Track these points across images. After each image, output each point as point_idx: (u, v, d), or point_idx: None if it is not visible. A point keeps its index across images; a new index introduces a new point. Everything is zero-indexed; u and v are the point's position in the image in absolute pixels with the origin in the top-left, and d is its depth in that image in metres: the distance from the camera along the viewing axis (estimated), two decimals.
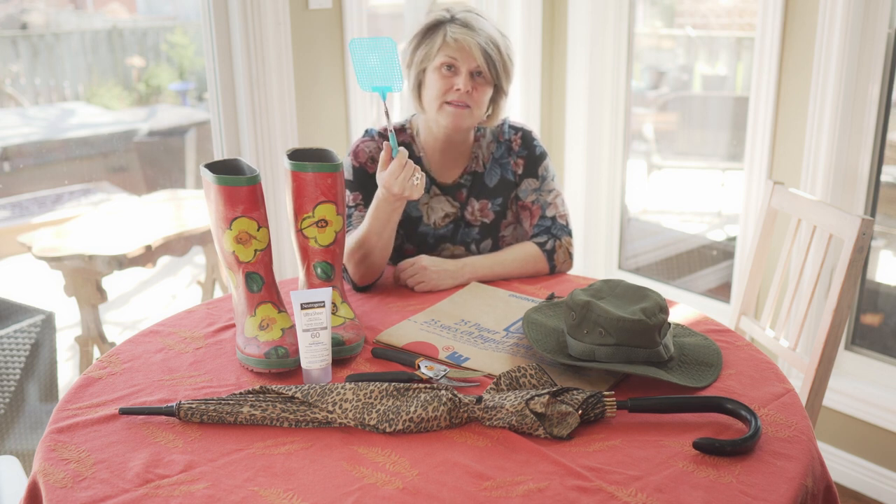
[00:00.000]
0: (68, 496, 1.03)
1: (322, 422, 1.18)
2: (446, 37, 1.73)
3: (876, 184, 2.37)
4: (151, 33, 3.53)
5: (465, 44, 1.72)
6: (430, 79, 1.76)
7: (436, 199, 1.87)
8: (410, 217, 1.86)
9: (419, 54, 1.77)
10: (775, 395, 1.27)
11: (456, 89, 1.74)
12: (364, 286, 1.73)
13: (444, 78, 1.74)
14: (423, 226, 1.86)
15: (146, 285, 3.65)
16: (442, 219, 1.87)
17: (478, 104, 1.77)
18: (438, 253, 1.87)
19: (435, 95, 1.76)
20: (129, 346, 1.46)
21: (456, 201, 1.88)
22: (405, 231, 1.86)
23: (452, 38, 1.73)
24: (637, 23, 3.10)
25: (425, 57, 1.76)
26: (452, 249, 1.88)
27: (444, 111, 1.76)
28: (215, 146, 2.48)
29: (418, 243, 1.87)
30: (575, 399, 1.17)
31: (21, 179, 3.14)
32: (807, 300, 1.82)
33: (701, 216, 4.06)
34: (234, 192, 1.35)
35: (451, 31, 1.73)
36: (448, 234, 1.87)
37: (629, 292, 1.39)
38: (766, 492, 1.02)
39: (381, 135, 1.85)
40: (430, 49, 1.75)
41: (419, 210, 1.86)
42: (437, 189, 1.87)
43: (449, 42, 1.73)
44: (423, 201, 1.86)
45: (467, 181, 1.88)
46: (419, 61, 1.77)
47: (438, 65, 1.74)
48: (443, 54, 1.73)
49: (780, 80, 2.42)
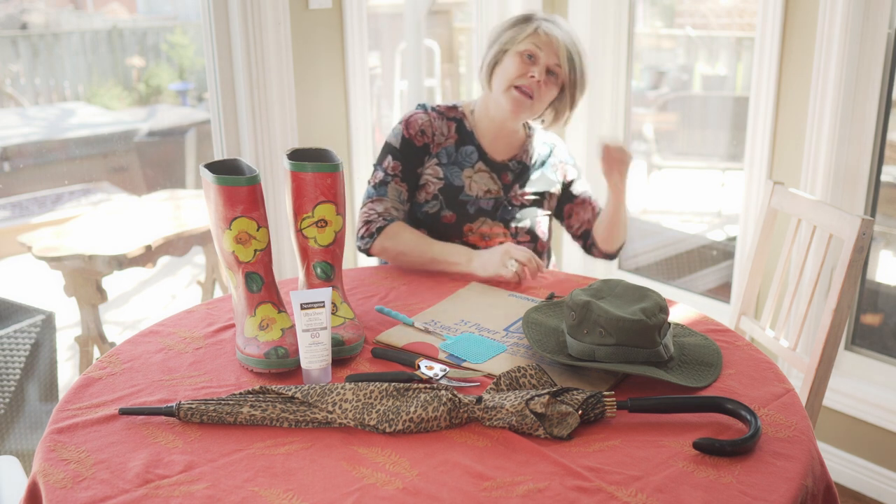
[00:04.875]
0: (68, 496, 1.03)
1: (322, 422, 1.18)
2: (538, 28, 1.85)
3: (876, 184, 2.37)
4: (151, 33, 3.53)
5: (552, 39, 1.84)
6: (507, 61, 1.86)
7: (479, 174, 1.92)
8: (452, 185, 1.90)
9: (505, 36, 1.88)
10: (775, 395, 1.27)
11: (531, 76, 1.84)
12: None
13: (523, 63, 1.84)
14: (465, 195, 1.91)
15: (146, 285, 3.65)
16: (484, 193, 1.92)
17: (541, 98, 1.88)
18: (477, 225, 1.92)
19: (509, 77, 1.85)
20: (129, 346, 1.46)
21: (500, 181, 1.94)
22: (445, 198, 1.90)
23: (544, 31, 1.84)
24: (637, 23, 3.10)
25: (510, 40, 1.86)
26: (491, 225, 1.92)
27: (510, 94, 1.86)
28: (215, 146, 2.48)
29: (458, 211, 1.90)
30: (575, 399, 1.17)
31: (21, 179, 3.14)
32: (807, 300, 1.82)
33: (701, 216, 4.06)
34: (234, 192, 1.35)
35: (543, 25, 1.85)
36: (489, 209, 1.92)
37: (629, 292, 1.39)
38: (766, 492, 1.02)
39: (435, 109, 1.94)
40: (518, 34, 1.86)
41: (462, 180, 1.91)
42: (484, 165, 1.93)
43: (539, 33, 1.84)
44: (467, 174, 1.92)
45: (515, 167, 1.97)
46: (504, 41, 1.88)
47: (522, 50, 1.85)
48: (529, 42, 1.84)
49: (780, 80, 2.42)
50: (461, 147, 1.93)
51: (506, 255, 1.72)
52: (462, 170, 1.91)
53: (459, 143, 1.93)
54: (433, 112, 1.93)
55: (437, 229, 1.90)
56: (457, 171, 1.91)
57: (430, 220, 1.90)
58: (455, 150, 1.92)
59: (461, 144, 1.93)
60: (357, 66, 2.56)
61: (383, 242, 1.81)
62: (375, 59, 3.71)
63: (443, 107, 1.96)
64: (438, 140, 1.91)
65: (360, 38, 2.54)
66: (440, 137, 1.91)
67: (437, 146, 1.91)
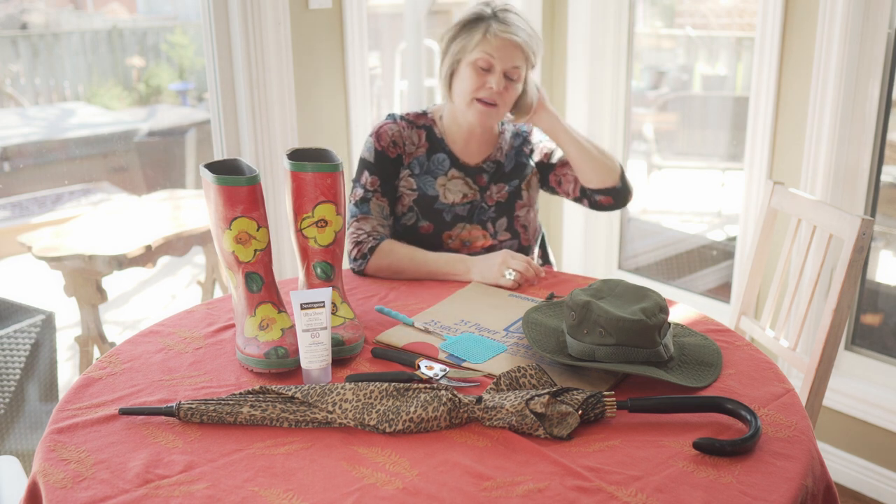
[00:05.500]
0: (68, 496, 1.03)
1: (322, 422, 1.18)
2: (486, 33, 1.77)
3: (876, 184, 2.37)
4: (151, 33, 3.53)
5: (503, 41, 1.77)
6: (463, 72, 1.81)
7: (454, 181, 1.90)
8: (426, 195, 1.89)
9: (456, 45, 1.82)
10: (775, 395, 1.27)
11: (488, 87, 1.79)
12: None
13: (478, 75, 1.79)
14: (440, 203, 1.89)
15: (146, 285, 3.65)
16: (461, 199, 1.91)
17: (505, 103, 1.84)
18: (456, 231, 1.90)
19: (467, 90, 1.81)
20: (129, 346, 1.46)
21: (476, 184, 1.92)
22: (420, 209, 1.89)
23: (493, 34, 1.77)
24: (637, 23, 3.10)
25: (462, 49, 1.81)
26: (470, 229, 1.91)
27: (474, 107, 1.82)
28: (215, 146, 2.48)
29: (435, 220, 1.89)
30: (575, 399, 1.17)
31: (21, 179, 3.13)
32: (807, 300, 1.82)
33: (701, 216, 4.06)
34: (234, 192, 1.35)
35: (492, 27, 1.77)
36: (465, 214, 1.91)
37: (629, 292, 1.39)
38: (766, 492, 1.02)
39: (404, 118, 1.90)
40: (468, 42, 1.79)
41: (436, 189, 1.89)
42: (457, 171, 1.91)
43: (489, 38, 1.77)
44: (441, 182, 1.90)
45: (490, 168, 1.94)
46: (455, 52, 1.82)
47: (474, 60, 1.79)
48: (480, 50, 1.78)
49: (780, 80, 2.42)
50: (433, 155, 1.90)
51: (503, 265, 1.73)
52: (435, 178, 1.89)
53: (430, 152, 1.90)
54: (402, 121, 1.91)
55: (417, 240, 1.89)
56: (430, 180, 1.89)
57: (409, 231, 1.89)
58: (427, 158, 1.90)
59: (432, 152, 1.90)
60: (357, 66, 2.56)
61: (378, 262, 1.79)
62: (375, 59, 3.71)
63: (412, 114, 1.93)
64: (409, 150, 1.89)
65: (360, 38, 2.54)
66: (411, 147, 1.89)
67: (409, 156, 1.89)
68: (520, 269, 1.72)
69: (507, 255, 1.74)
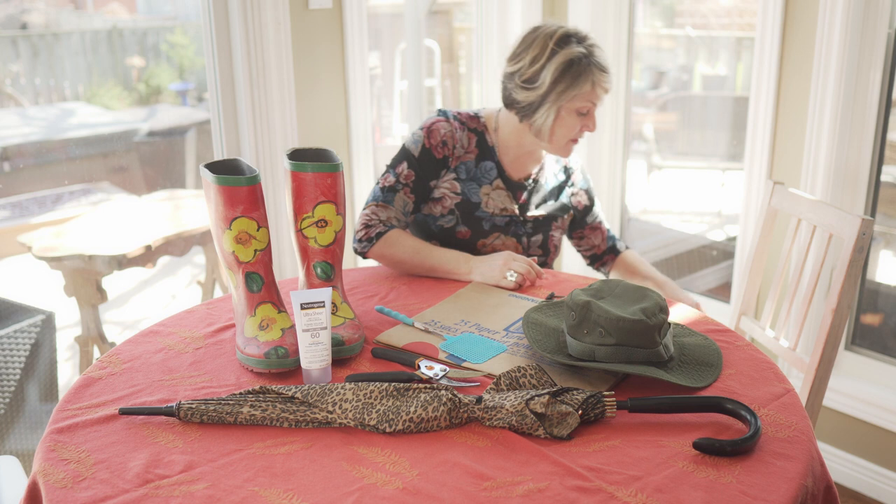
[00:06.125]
0: (68, 496, 1.03)
1: (322, 422, 1.18)
2: (595, 86, 1.82)
3: (876, 184, 2.37)
4: (151, 33, 3.53)
5: (605, 92, 1.84)
6: (566, 118, 1.84)
7: (497, 192, 1.92)
8: (469, 202, 1.90)
9: (560, 88, 1.81)
10: (775, 395, 1.27)
11: (585, 129, 1.88)
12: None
13: (579, 119, 1.85)
14: (481, 211, 1.90)
15: (146, 285, 3.65)
16: (500, 211, 1.93)
17: None
18: (490, 240, 1.92)
19: (569, 135, 1.87)
20: (129, 346, 1.46)
21: (516, 200, 1.95)
22: (461, 213, 1.89)
23: (601, 87, 1.82)
24: (637, 23, 3.10)
25: (564, 95, 1.81)
26: (504, 240, 1.93)
27: (568, 147, 1.90)
28: (215, 146, 2.48)
29: (473, 227, 1.90)
30: (575, 399, 1.17)
31: (21, 179, 3.14)
32: (807, 300, 1.82)
33: (701, 216, 4.06)
34: (234, 192, 1.35)
35: (598, 79, 1.81)
36: (503, 225, 1.92)
37: (629, 292, 1.39)
38: (766, 492, 1.02)
39: (457, 118, 1.91)
40: (576, 91, 1.81)
41: (479, 197, 1.90)
42: (502, 182, 1.93)
43: (598, 92, 1.83)
44: (485, 191, 1.91)
45: (530, 185, 1.98)
46: (558, 95, 1.81)
47: (578, 108, 1.83)
48: (586, 99, 1.83)
49: (780, 80, 2.42)
50: (481, 163, 1.91)
51: (505, 267, 1.73)
52: (480, 186, 1.90)
53: (479, 159, 1.91)
54: (455, 121, 1.89)
55: (452, 243, 1.90)
56: (475, 187, 1.90)
57: (445, 234, 1.90)
58: (475, 165, 1.90)
59: (481, 160, 1.91)
60: (357, 66, 2.56)
61: (381, 249, 1.80)
62: (375, 59, 3.71)
63: (464, 115, 1.92)
64: (458, 153, 1.88)
65: (360, 38, 2.54)
66: (460, 150, 1.89)
67: (457, 160, 1.89)
68: (521, 272, 1.73)
69: (510, 257, 1.75)
